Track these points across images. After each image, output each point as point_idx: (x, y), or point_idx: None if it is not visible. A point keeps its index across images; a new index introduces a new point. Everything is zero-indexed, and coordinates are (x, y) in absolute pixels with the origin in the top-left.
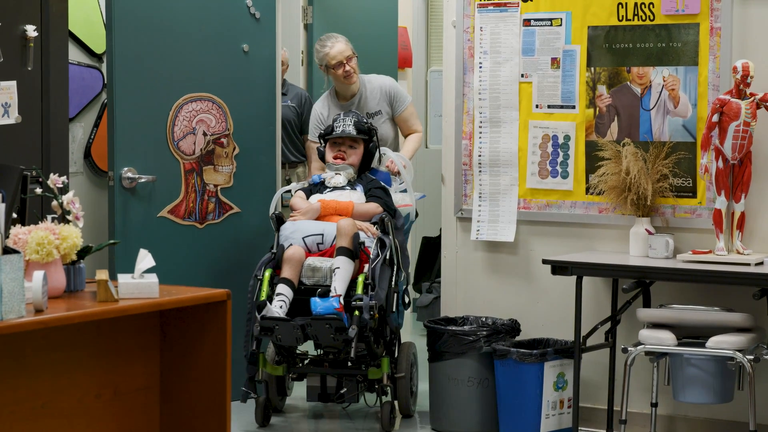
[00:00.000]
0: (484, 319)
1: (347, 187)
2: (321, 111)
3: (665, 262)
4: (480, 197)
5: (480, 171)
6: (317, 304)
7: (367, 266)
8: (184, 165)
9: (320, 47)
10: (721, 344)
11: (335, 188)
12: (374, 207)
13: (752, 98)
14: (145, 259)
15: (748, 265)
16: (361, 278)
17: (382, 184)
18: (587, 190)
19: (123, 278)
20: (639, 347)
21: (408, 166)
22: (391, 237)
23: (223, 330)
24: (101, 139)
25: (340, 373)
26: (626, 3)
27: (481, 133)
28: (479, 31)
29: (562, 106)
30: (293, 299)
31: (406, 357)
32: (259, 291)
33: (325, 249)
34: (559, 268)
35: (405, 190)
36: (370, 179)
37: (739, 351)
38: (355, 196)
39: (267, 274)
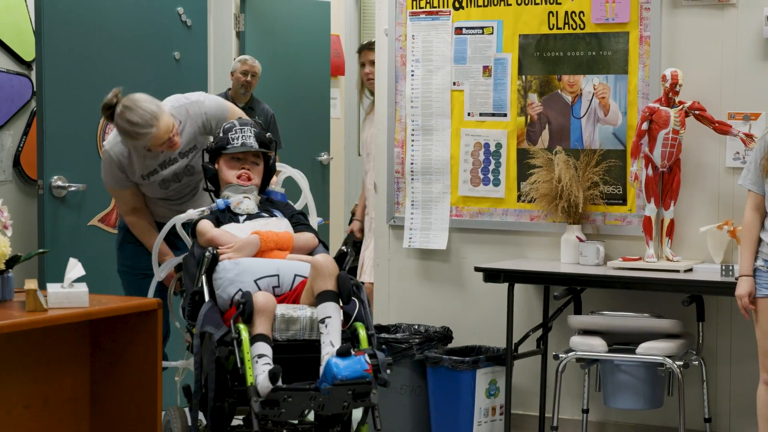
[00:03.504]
0: (416, 327)
1: (264, 214)
2: (119, 158)
3: (596, 269)
4: (412, 205)
5: (412, 179)
6: (338, 366)
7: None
8: None
9: (133, 128)
10: (651, 350)
11: (249, 215)
12: (311, 237)
13: (681, 106)
14: (74, 269)
15: (678, 271)
16: (361, 328)
17: (299, 209)
18: (519, 197)
19: (52, 288)
20: (570, 354)
21: (306, 186)
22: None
23: (153, 339)
24: (30, 147)
25: None
26: (557, 12)
27: (413, 141)
28: (411, 39)
29: (493, 114)
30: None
31: None
32: (240, 354)
33: (283, 293)
34: (491, 275)
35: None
36: (284, 203)
37: (669, 357)
38: (284, 225)
39: (243, 329)
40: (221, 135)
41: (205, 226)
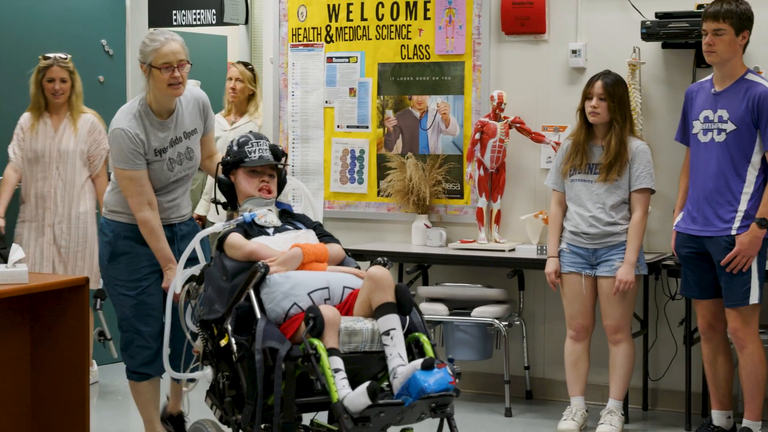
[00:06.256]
0: None
1: (288, 227)
2: (137, 132)
3: (440, 249)
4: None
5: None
6: (423, 380)
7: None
8: None
9: (149, 41)
10: (483, 313)
11: (275, 228)
12: (339, 249)
13: (506, 120)
14: (16, 252)
15: (503, 251)
16: (424, 339)
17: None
18: (378, 193)
19: None
20: None
21: (311, 196)
22: None
23: (82, 308)
24: None
25: None
26: (408, 45)
27: (294, 148)
28: (292, 66)
29: (358, 126)
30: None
31: None
32: (321, 370)
33: (334, 305)
34: (357, 255)
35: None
36: (301, 215)
37: (497, 318)
38: (311, 237)
39: (319, 345)
40: (236, 149)
41: (239, 239)
